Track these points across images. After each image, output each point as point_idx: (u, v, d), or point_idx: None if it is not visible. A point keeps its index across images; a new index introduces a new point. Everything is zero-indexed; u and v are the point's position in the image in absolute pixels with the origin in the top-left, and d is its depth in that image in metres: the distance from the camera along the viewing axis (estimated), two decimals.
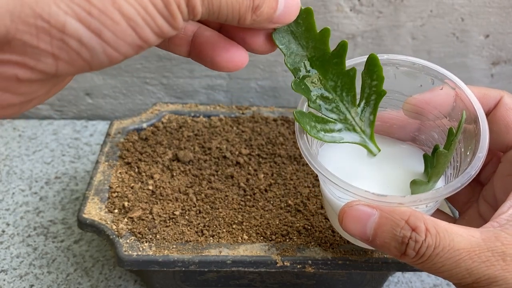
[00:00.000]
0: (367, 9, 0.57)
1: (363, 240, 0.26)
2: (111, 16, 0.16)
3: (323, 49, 0.25)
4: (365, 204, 0.25)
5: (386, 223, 0.24)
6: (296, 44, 0.25)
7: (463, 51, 0.61)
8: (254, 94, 0.64)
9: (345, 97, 0.28)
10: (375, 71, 0.27)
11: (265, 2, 0.20)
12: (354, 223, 0.25)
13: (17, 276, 0.42)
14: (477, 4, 0.57)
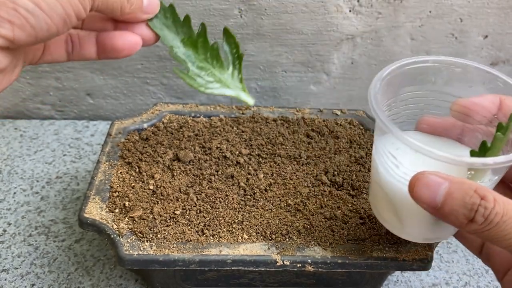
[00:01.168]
0: (366, 10, 0.57)
1: (431, 207, 0.27)
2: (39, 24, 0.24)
3: (189, 32, 0.34)
4: (436, 173, 0.27)
5: (456, 191, 0.26)
6: (169, 32, 0.34)
7: (462, 52, 0.62)
8: (254, 94, 0.64)
9: (215, 65, 0.36)
10: (231, 41, 0.35)
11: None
12: (426, 190, 0.27)
13: (18, 276, 0.42)
14: (476, 4, 0.57)
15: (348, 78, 0.64)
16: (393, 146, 0.31)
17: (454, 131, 0.35)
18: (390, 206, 0.32)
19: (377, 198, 0.34)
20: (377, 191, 0.34)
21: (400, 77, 0.33)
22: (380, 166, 0.32)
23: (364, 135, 0.49)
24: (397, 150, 0.30)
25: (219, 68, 0.36)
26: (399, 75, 0.33)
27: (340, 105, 0.66)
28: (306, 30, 0.58)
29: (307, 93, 0.64)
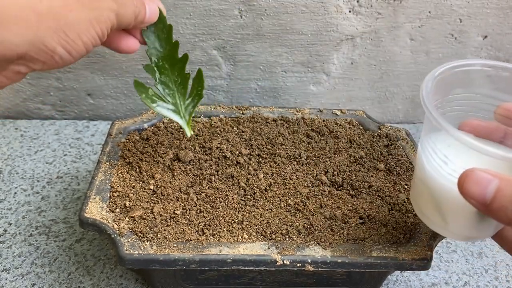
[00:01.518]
0: (366, 10, 0.57)
1: (480, 203, 0.27)
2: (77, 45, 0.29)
3: (173, 54, 0.38)
4: (486, 171, 0.27)
5: (506, 188, 0.26)
6: (158, 44, 0.37)
7: (461, 52, 0.62)
8: (254, 94, 0.64)
9: (180, 90, 0.39)
10: (200, 81, 0.39)
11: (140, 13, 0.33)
12: (476, 186, 0.27)
13: (19, 275, 0.42)
14: (475, 5, 0.57)
15: (348, 78, 0.64)
16: (444, 143, 0.31)
17: (496, 135, 0.35)
18: (434, 203, 0.33)
19: (420, 196, 0.35)
20: (421, 188, 0.34)
21: (449, 78, 0.34)
22: (426, 163, 0.32)
23: (364, 135, 0.49)
24: (448, 147, 0.31)
25: (181, 94, 0.39)
26: (449, 77, 0.34)
27: (340, 105, 0.66)
28: (306, 31, 0.58)
29: (307, 93, 0.64)
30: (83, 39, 0.29)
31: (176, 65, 0.38)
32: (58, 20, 0.26)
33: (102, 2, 0.30)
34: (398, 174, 0.44)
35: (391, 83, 0.65)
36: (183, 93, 0.39)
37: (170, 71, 0.38)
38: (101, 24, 0.30)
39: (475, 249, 0.49)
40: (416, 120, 0.70)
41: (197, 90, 0.39)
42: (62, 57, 0.28)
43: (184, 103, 0.40)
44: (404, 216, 0.40)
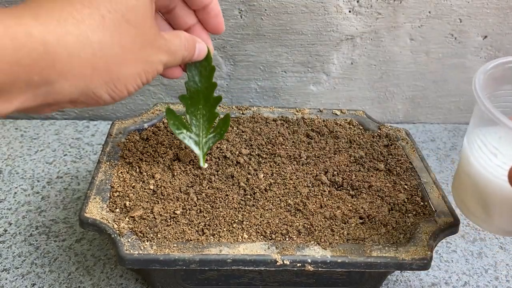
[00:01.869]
0: (366, 10, 0.57)
1: None
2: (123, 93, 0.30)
3: (209, 92, 0.40)
4: None
5: None
6: (198, 79, 0.40)
7: (461, 52, 0.62)
8: (254, 94, 0.64)
9: (206, 125, 0.42)
10: (226, 124, 0.42)
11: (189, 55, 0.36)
12: None
13: (19, 275, 0.42)
14: (475, 5, 0.57)
15: (348, 78, 0.64)
16: (495, 135, 0.32)
17: None
18: (478, 196, 0.33)
19: (464, 189, 0.35)
20: (465, 182, 0.35)
21: (499, 74, 0.34)
22: (472, 157, 0.33)
23: (364, 135, 0.49)
24: (499, 139, 0.31)
25: (205, 129, 0.42)
26: (499, 72, 0.34)
27: (339, 105, 0.66)
28: (306, 31, 0.58)
29: (307, 93, 0.64)
30: (129, 88, 0.31)
31: (209, 103, 0.41)
32: (111, 74, 0.29)
33: (155, 56, 0.31)
34: (398, 174, 0.44)
35: (391, 83, 0.65)
36: (207, 128, 0.42)
37: (202, 106, 0.41)
38: (148, 75, 0.31)
39: (475, 249, 0.49)
40: (416, 120, 0.70)
41: (220, 130, 0.42)
42: (106, 101, 0.30)
43: (206, 137, 0.42)
44: (404, 216, 0.40)
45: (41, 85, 0.25)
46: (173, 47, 0.33)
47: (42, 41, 0.24)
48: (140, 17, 0.29)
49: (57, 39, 0.25)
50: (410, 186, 0.43)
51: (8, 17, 0.24)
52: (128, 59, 0.29)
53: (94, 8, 0.27)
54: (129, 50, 0.29)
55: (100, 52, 0.27)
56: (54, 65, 0.25)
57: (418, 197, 0.42)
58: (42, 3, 0.26)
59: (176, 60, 0.34)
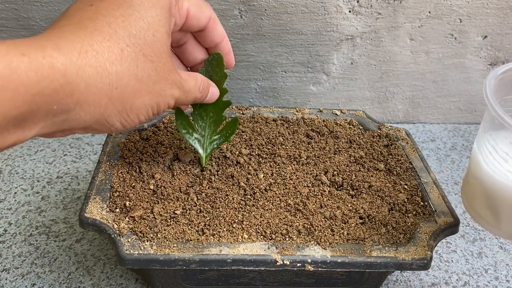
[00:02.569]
0: (366, 11, 0.57)
1: None
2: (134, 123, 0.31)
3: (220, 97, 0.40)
4: None
5: None
6: None
7: (461, 52, 0.62)
8: (254, 94, 0.64)
9: (212, 127, 0.42)
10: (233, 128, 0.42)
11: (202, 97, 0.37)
12: None
13: (19, 275, 0.42)
14: (475, 5, 0.57)
15: (348, 78, 0.64)
16: (506, 140, 0.32)
17: None
18: (488, 201, 0.33)
19: (474, 193, 0.35)
20: (475, 186, 0.34)
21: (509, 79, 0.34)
22: (483, 161, 0.33)
23: (364, 135, 0.49)
24: (510, 144, 0.31)
25: (211, 131, 0.42)
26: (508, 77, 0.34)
27: (339, 105, 0.66)
28: (306, 31, 0.58)
29: (306, 93, 0.64)
30: (140, 118, 0.32)
31: (217, 106, 0.41)
32: (125, 104, 0.30)
33: (168, 90, 0.32)
34: (398, 174, 0.44)
35: (391, 83, 0.65)
36: (214, 131, 0.42)
37: (211, 109, 0.41)
38: (159, 107, 0.33)
39: (475, 249, 0.49)
40: (416, 120, 0.70)
41: (227, 132, 0.42)
42: (118, 129, 0.31)
43: (211, 139, 0.42)
44: (404, 216, 0.40)
45: (59, 113, 0.26)
46: (187, 86, 0.34)
47: (63, 73, 0.25)
48: (157, 52, 0.31)
49: (77, 70, 0.26)
50: (410, 186, 0.43)
51: (33, 49, 0.24)
52: (143, 91, 0.30)
53: (113, 42, 0.28)
54: (144, 82, 0.30)
55: (117, 83, 0.28)
56: (72, 94, 0.26)
57: (418, 197, 0.42)
58: (63, 33, 0.27)
59: (187, 98, 0.35)
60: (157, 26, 0.31)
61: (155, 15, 0.31)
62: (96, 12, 0.29)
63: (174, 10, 0.33)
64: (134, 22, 0.30)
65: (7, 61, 0.23)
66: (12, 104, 0.24)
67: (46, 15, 0.55)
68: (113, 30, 0.28)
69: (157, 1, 0.31)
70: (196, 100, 0.37)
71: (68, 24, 0.28)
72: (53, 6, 0.54)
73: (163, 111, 0.34)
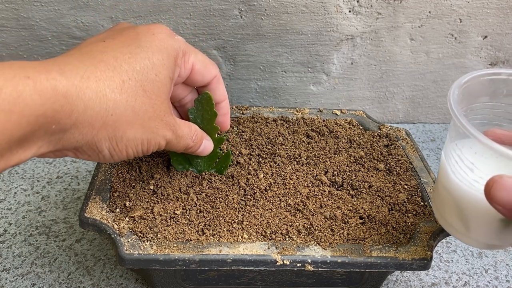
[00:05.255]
0: (366, 10, 0.57)
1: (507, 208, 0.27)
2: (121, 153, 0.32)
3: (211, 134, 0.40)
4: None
5: None
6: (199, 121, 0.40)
7: (461, 52, 0.62)
8: (254, 94, 0.64)
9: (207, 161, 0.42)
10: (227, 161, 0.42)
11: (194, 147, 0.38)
12: (504, 192, 0.27)
13: (19, 275, 0.42)
14: (475, 5, 0.57)
15: (348, 78, 0.64)
16: (470, 150, 0.31)
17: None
18: (457, 210, 0.33)
19: (443, 203, 0.35)
20: (444, 196, 0.34)
21: (474, 87, 0.34)
22: (450, 170, 0.33)
23: (364, 135, 0.49)
24: (475, 154, 0.31)
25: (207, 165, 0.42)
26: (474, 85, 0.34)
27: (339, 105, 0.66)
28: (306, 31, 0.58)
29: (307, 93, 0.64)
30: (128, 151, 0.32)
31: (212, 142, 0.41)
32: (116, 131, 0.30)
33: (161, 129, 0.33)
34: (398, 174, 0.44)
35: (391, 83, 0.65)
36: (210, 164, 0.42)
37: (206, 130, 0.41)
38: (150, 146, 0.33)
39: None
40: (416, 120, 0.70)
41: (221, 166, 0.43)
42: (105, 157, 0.32)
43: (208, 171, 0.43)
44: (404, 216, 0.40)
45: (56, 132, 0.27)
46: (180, 132, 0.35)
47: (65, 94, 0.26)
48: (157, 91, 0.32)
49: (78, 92, 0.27)
50: (410, 186, 0.43)
51: (38, 72, 0.25)
52: (137, 124, 0.31)
53: (116, 73, 0.30)
54: (140, 116, 0.31)
55: (113, 110, 0.29)
56: (71, 115, 0.27)
57: (418, 197, 0.42)
58: (69, 60, 0.28)
59: (179, 144, 0.36)
60: (161, 68, 0.32)
61: (161, 59, 0.32)
62: (106, 47, 0.31)
63: (180, 60, 0.35)
64: (139, 60, 0.31)
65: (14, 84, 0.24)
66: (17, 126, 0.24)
67: (46, 15, 0.55)
68: (118, 63, 0.30)
69: (165, 48, 0.33)
70: (188, 148, 0.37)
71: (77, 53, 0.30)
72: (53, 6, 0.54)
73: (152, 151, 0.34)
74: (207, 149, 0.39)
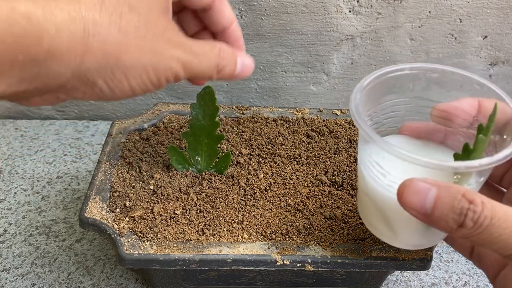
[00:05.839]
0: (366, 10, 0.57)
1: (421, 213, 0.27)
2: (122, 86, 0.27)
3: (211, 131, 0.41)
4: (424, 180, 0.27)
5: (445, 195, 0.26)
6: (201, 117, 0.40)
7: (461, 52, 0.62)
8: (254, 94, 0.64)
9: (207, 160, 0.42)
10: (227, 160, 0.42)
11: (226, 66, 0.31)
12: (415, 196, 0.27)
13: (19, 275, 0.42)
14: (475, 5, 0.57)
15: (348, 78, 0.64)
16: (378, 155, 0.31)
17: (437, 135, 0.35)
18: (380, 215, 0.33)
19: (366, 208, 0.35)
20: (365, 201, 0.34)
21: (379, 86, 0.33)
22: (366, 176, 0.32)
23: None
24: (383, 159, 0.30)
25: (206, 164, 0.42)
26: (378, 85, 0.33)
27: (339, 105, 0.66)
28: (306, 31, 0.58)
29: (307, 93, 0.64)
30: (131, 82, 0.27)
31: (211, 140, 0.41)
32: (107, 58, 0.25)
33: (166, 50, 0.27)
34: None
35: None
36: (209, 164, 0.42)
37: (205, 143, 0.41)
38: (159, 73, 0.27)
39: None
40: None
41: (221, 166, 0.42)
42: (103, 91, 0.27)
43: (208, 171, 0.42)
44: None
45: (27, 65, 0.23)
46: (196, 48, 0.29)
47: (26, 15, 0.22)
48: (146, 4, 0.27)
49: (44, 13, 0.23)
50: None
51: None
52: (131, 46, 0.26)
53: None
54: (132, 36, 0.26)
55: (93, 30, 0.24)
56: (40, 42, 0.23)
57: None
58: None
59: (202, 64, 0.29)
60: None
61: None
62: None
63: None
64: None
65: None
66: None
67: None
68: None
69: None
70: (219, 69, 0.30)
71: None
72: None
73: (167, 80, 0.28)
74: (248, 68, 0.32)
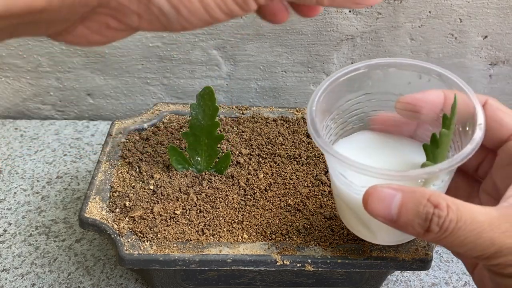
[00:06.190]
0: (366, 10, 0.57)
1: (387, 220, 0.26)
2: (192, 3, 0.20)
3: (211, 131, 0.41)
4: (388, 186, 0.26)
5: (410, 201, 0.25)
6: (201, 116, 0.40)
7: (461, 52, 0.62)
8: (254, 94, 0.64)
9: (207, 160, 0.42)
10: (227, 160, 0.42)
11: None
12: (380, 203, 0.26)
13: (19, 275, 0.42)
14: (475, 5, 0.57)
15: None
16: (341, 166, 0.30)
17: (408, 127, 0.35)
18: (356, 218, 0.33)
19: (343, 212, 0.35)
20: (341, 205, 0.34)
21: (336, 89, 0.33)
22: (337, 182, 0.32)
23: None
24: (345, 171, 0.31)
25: (206, 163, 0.42)
26: (335, 88, 0.33)
27: None
28: (306, 30, 0.58)
29: (307, 93, 0.64)
30: None
31: (211, 140, 0.41)
32: None
33: None
34: None
35: None
36: (209, 163, 0.42)
37: (204, 143, 0.41)
38: None
39: None
40: None
41: (221, 166, 0.42)
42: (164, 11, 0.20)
43: (208, 171, 0.43)
44: None
45: None
46: None
47: None
48: None
49: None
50: None
51: None
52: None
53: None
54: None
55: None
56: None
57: None
58: None
59: None
60: None
61: None
62: None
63: None
64: None
65: None
66: None
67: None
68: None
69: None
70: None
71: None
72: None
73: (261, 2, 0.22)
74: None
